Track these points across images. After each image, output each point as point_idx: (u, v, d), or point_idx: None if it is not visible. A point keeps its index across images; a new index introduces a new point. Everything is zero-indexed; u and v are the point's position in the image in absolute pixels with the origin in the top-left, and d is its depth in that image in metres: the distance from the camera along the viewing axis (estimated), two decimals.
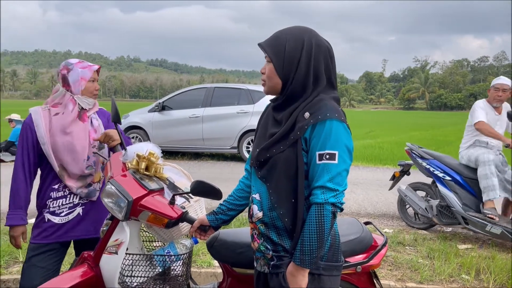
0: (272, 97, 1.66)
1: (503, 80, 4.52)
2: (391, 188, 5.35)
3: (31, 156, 2.17)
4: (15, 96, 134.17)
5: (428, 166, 4.74)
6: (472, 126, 4.52)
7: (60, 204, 2.23)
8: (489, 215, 4.26)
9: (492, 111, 4.53)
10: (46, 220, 2.23)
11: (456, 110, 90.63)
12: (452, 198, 4.54)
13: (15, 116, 9.88)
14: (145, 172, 1.90)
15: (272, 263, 1.59)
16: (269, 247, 1.59)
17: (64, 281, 1.85)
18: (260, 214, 1.60)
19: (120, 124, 2.11)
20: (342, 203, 1.48)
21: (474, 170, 4.51)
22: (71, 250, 2.48)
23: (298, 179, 1.50)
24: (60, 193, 2.23)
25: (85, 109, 2.25)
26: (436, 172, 4.68)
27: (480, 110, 4.47)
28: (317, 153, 1.47)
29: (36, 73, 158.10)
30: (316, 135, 1.47)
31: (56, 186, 2.23)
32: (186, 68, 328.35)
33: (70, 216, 2.25)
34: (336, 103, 1.54)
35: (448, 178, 4.60)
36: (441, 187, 4.65)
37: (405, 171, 5.19)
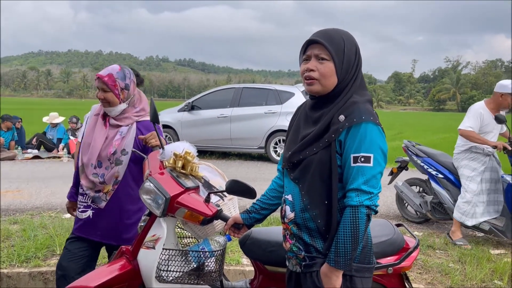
0: (298, 97, 1.67)
1: None
2: (389, 183, 5.47)
3: None
4: (49, 94, 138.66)
5: (422, 164, 4.93)
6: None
7: (80, 200, 2.40)
8: (464, 246, 4.32)
9: (490, 114, 4.25)
10: (76, 213, 2.44)
11: None
12: (444, 195, 4.73)
13: (56, 116, 10.39)
14: (181, 171, 1.96)
15: (304, 263, 1.61)
16: (301, 247, 1.61)
17: (103, 273, 1.93)
18: (292, 215, 1.62)
19: (159, 124, 2.17)
20: (376, 206, 1.49)
21: None
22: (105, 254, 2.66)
23: (332, 181, 1.52)
24: (82, 190, 2.38)
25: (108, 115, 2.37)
26: (429, 170, 4.85)
27: (472, 117, 4.24)
28: (352, 155, 1.48)
29: (69, 73, 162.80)
30: (351, 137, 1.48)
31: (82, 182, 2.38)
32: (213, 68, 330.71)
33: (84, 215, 2.37)
34: (370, 106, 1.55)
35: (440, 176, 4.76)
36: (434, 185, 4.84)
37: (402, 167, 5.41)
